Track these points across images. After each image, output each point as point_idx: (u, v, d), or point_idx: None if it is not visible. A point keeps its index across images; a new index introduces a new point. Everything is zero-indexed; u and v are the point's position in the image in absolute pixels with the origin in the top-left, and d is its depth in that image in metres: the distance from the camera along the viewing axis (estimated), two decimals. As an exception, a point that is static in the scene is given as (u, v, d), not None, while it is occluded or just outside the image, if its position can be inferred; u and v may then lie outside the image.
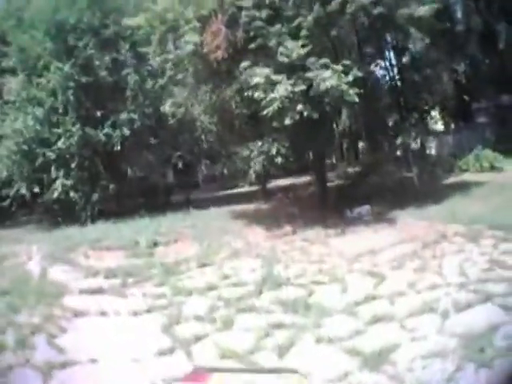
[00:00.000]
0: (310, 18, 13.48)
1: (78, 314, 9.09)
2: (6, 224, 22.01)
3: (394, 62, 19.25)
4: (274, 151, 13.96)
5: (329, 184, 19.23)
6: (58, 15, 18.57)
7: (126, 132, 18.06)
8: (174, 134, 19.45)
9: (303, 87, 12.78)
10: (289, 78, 12.86)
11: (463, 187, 16.40)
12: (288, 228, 14.45)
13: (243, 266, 11.33)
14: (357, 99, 12.82)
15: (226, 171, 25.47)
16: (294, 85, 12.69)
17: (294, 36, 13.47)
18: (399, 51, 18.23)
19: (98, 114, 18.46)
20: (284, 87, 12.52)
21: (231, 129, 17.15)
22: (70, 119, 18.19)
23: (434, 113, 25.59)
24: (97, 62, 18.36)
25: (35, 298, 9.87)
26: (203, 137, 18.99)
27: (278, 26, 13.38)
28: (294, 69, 13.06)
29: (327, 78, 12.49)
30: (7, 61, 19.99)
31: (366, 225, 13.70)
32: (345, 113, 17.50)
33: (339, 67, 12.82)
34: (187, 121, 17.36)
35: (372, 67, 15.62)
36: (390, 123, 19.44)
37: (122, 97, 18.89)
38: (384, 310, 7.75)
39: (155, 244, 14.04)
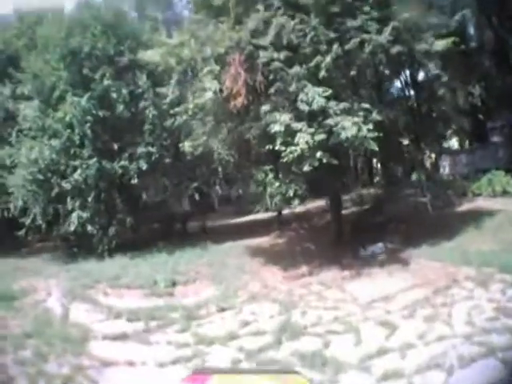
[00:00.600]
0: (328, 58, 14.18)
1: (106, 363, 10.05)
2: (22, 251, 23.29)
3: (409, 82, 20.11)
4: (291, 193, 14.77)
5: (344, 211, 20.20)
6: (72, 42, 19.53)
7: (143, 165, 18.91)
8: (191, 167, 20.27)
9: (323, 136, 13.55)
10: (309, 126, 13.67)
11: (476, 217, 17.01)
12: (304, 268, 15.39)
13: (262, 311, 12.26)
14: (376, 147, 13.67)
15: (241, 192, 26.19)
16: (314, 133, 13.48)
17: (313, 77, 14.25)
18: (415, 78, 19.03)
19: (115, 146, 19.37)
20: (304, 138, 13.32)
21: (248, 158, 17.91)
22: (87, 152, 19.08)
23: (449, 131, 26.37)
24: (114, 95, 19.24)
25: (61, 343, 10.83)
26: (220, 169, 19.77)
27: (296, 68, 14.12)
28: (314, 115, 13.88)
29: (347, 127, 13.29)
30: (21, 87, 21.18)
31: (380, 266, 14.49)
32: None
33: (359, 118, 13.58)
34: (205, 153, 18.15)
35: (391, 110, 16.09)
36: (406, 142, 20.13)
37: (139, 130, 19.74)
38: (394, 365, 8.63)
39: (174, 284, 15.09)
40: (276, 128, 13.76)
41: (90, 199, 18.80)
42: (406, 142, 20.11)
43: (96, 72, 19.22)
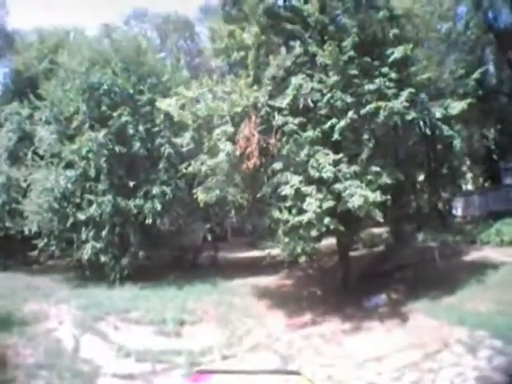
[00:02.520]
0: (342, 122, 15.94)
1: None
2: (33, 268, 25.70)
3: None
4: (299, 250, 16.41)
5: (353, 253, 21.90)
6: (92, 77, 21.72)
7: (158, 206, 20.80)
8: (205, 207, 22.00)
9: (331, 203, 15.23)
10: (318, 190, 15.40)
11: (480, 270, 18.67)
12: (308, 316, 17.34)
13: (262, 363, 14.10)
14: (381, 219, 15.41)
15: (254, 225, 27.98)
16: (322, 200, 15.15)
17: (326, 140, 16.04)
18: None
19: (131, 184, 21.29)
20: (313, 205, 15.00)
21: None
22: (102, 186, 21.10)
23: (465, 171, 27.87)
24: (131, 131, 21.31)
25: (71, 378, 12.89)
26: (233, 211, 20.84)
27: (310, 133, 15.92)
28: (324, 180, 15.54)
29: (354, 195, 14.98)
30: (40, 113, 23.53)
31: (380, 320, 16.30)
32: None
33: (368, 184, 15.27)
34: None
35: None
36: (420, 178, 21.47)
37: (154, 167, 21.72)
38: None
39: (182, 323, 17.01)
40: (287, 191, 15.58)
41: (104, 231, 20.80)
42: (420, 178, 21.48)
43: (114, 109, 21.29)
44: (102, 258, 20.84)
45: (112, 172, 21.30)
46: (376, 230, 24.62)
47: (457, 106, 16.97)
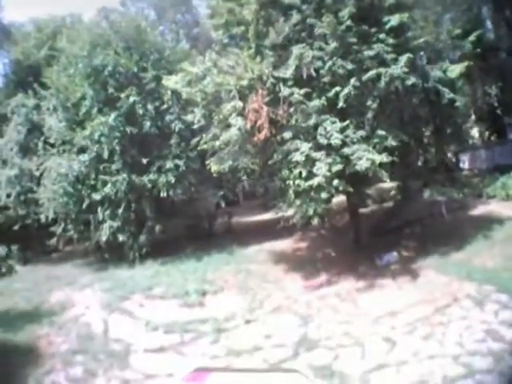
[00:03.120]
0: (346, 89, 16.50)
1: (148, 376, 13.18)
2: (53, 257, 26.86)
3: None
4: (310, 212, 17.24)
5: (363, 210, 22.79)
6: (95, 60, 22.08)
7: (172, 179, 21.50)
8: (217, 175, 22.46)
9: (340, 167, 16.05)
10: (327, 155, 16.16)
11: (487, 225, 19.64)
12: (323, 277, 18.36)
13: (283, 324, 15.27)
14: (388, 179, 16.33)
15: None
16: (331, 164, 15.93)
17: (332, 108, 16.65)
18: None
19: (144, 161, 21.93)
20: (322, 169, 15.81)
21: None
22: (116, 166, 21.80)
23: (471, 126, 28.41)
24: (140, 111, 21.80)
25: (106, 358, 14.02)
26: (245, 177, 21.61)
27: (316, 102, 16.52)
28: (332, 146, 16.26)
29: (362, 157, 15.80)
30: (46, 102, 24.19)
31: (392, 277, 17.28)
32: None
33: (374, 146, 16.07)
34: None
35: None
36: (426, 133, 21.99)
37: (166, 143, 22.37)
38: (390, 379, 11.55)
39: (204, 293, 18.07)
40: (297, 157, 16.36)
41: (120, 210, 21.57)
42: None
43: (121, 90, 21.80)
44: (120, 238, 21.66)
45: (125, 152, 21.93)
46: (385, 185, 25.05)
47: (455, 69, 17.63)
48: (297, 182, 16.46)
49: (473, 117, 26.86)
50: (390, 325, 14.14)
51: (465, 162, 27.36)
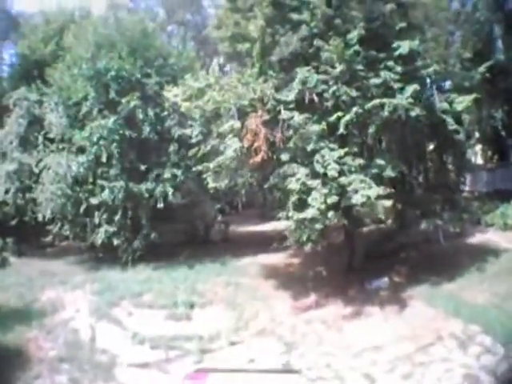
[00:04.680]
0: (348, 116, 16.50)
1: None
2: (48, 251, 27.33)
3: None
4: (304, 238, 17.41)
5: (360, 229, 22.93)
6: (98, 63, 22.38)
7: (169, 189, 21.80)
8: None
9: (336, 199, 15.97)
10: (324, 184, 16.12)
11: (482, 256, 19.71)
12: (312, 298, 18.56)
13: (267, 348, 15.50)
14: (383, 217, 16.70)
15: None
16: (327, 195, 15.89)
17: (332, 133, 16.70)
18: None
19: (142, 167, 22.25)
20: (317, 200, 15.80)
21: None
22: (114, 171, 22.10)
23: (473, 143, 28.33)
24: (140, 116, 22.05)
25: (91, 369, 14.37)
26: (243, 191, 21.40)
27: (315, 127, 16.49)
28: (328, 175, 16.19)
29: (360, 189, 15.76)
30: (47, 98, 24.54)
31: (380, 306, 17.47)
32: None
33: (371, 179, 16.01)
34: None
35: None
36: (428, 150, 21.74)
37: (165, 149, 22.66)
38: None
39: (192, 306, 18.40)
40: (292, 185, 16.40)
41: (116, 216, 21.97)
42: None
43: (123, 95, 22.05)
44: (115, 242, 22.09)
45: (123, 156, 22.23)
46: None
47: (462, 102, 17.45)
48: (290, 214, 16.60)
49: (476, 134, 26.82)
50: (372, 359, 14.32)
51: (465, 183, 27.36)
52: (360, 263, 21.02)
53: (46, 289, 20.03)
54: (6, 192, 24.67)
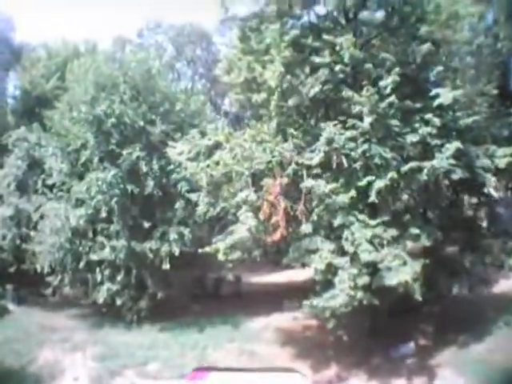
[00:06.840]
0: (381, 182, 14.60)
1: None
2: (49, 301, 25.93)
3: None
4: (327, 314, 15.91)
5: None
6: (97, 107, 21.06)
7: (176, 250, 20.43)
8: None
9: (367, 280, 14.27)
10: (352, 263, 14.33)
11: (509, 307, 18.72)
12: (334, 369, 17.53)
13: None
14: (420, 297, 14.51)
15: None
16: (356, 276, 14.14)
17: (362, 202, 14.91)
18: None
19: (146, 225, 20.93)
20: (345, 283, 14.08)
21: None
22: (115, 228, 20.96)
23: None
24: (144, 169, 20.80)
25: None
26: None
27: (343, 197, 14.54)
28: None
29: (394, 267, 14.04)
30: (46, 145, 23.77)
31: (407, 377, 16.42)
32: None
33: (409, 264, 14.24)
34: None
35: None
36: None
37: (171, 205, 21.25)
38: None
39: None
40: (316, 264, 14.82)
41: (119, 274, 20.84)
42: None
43: (124, 145, 20.90)
44: (118, 301, 20.99)
45: (125, 212, 21.05)
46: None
47: (504, 157, 15.62)
48: (315, 302, 15.06)
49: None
50: None
51: (483, 221, 26.22)
52: (384, 323, 20.04)
53: (44, 347, 19.21)
54: (3, 238, 23.89)
